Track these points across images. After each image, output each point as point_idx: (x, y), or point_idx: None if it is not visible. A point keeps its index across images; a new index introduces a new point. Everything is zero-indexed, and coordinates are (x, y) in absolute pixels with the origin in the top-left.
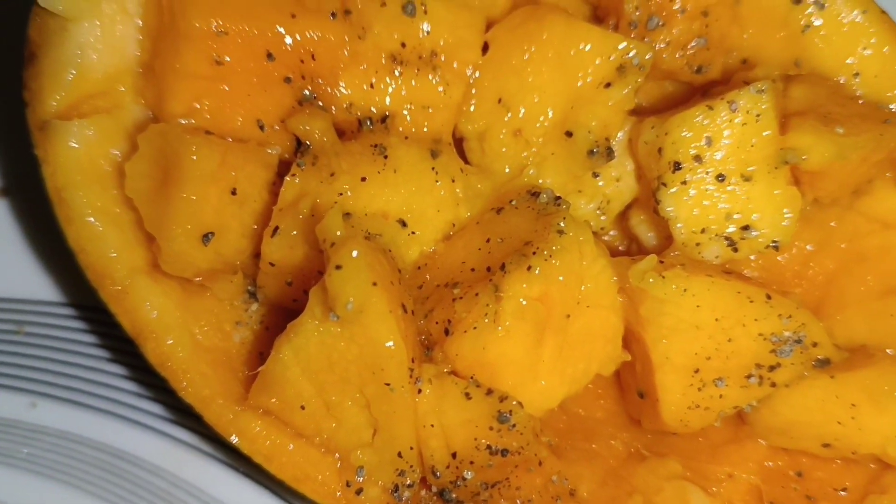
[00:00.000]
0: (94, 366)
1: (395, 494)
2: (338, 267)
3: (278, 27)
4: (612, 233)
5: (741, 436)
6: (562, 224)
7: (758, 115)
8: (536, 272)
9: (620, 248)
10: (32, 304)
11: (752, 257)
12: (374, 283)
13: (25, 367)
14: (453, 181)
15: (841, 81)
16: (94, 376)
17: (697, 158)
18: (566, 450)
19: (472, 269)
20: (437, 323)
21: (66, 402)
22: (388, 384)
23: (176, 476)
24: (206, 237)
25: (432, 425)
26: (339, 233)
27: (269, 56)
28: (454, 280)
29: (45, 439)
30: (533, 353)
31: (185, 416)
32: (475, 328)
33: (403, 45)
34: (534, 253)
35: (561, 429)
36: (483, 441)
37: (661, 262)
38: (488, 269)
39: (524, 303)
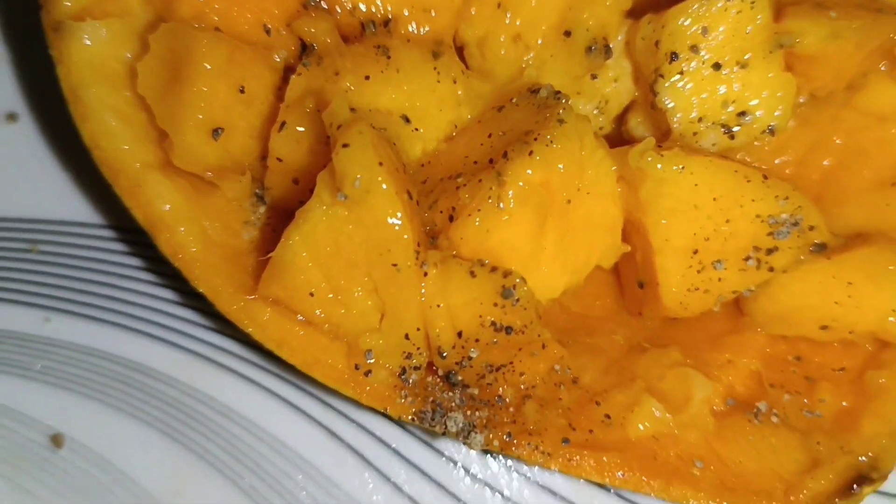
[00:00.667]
0: (104, 281)
1: (403, 377)
2: (345, 146)
3: None
4: (609, 134)
5: (740, 326)
6: (561, 113)
7: (752, 2)
8: (537, 157)
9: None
10: (44, 224)
11: (748, 158)
12: (381, 163)
13: (39, 284)
14: (455, 82)
15: None
16: (106, 291)
17: (694, 48)
18: (569, 344)
19: (475, 162)
20: (441, 212)
21: (79, 317)
22: (394, 265)
23: (188, 385)
24: (216, 132)
25: (438, 306)
26: (345, 115)
27: None
28: (458, 172)
29: (58, 352)
30: (535, 240)
31: (197, 327)
32: (479, 211)
33: None
34: (535, 139)
35: (563, 327)
36: (487, 318)
37: (660, 146)
38: (491, 160)
39: (526, 187)
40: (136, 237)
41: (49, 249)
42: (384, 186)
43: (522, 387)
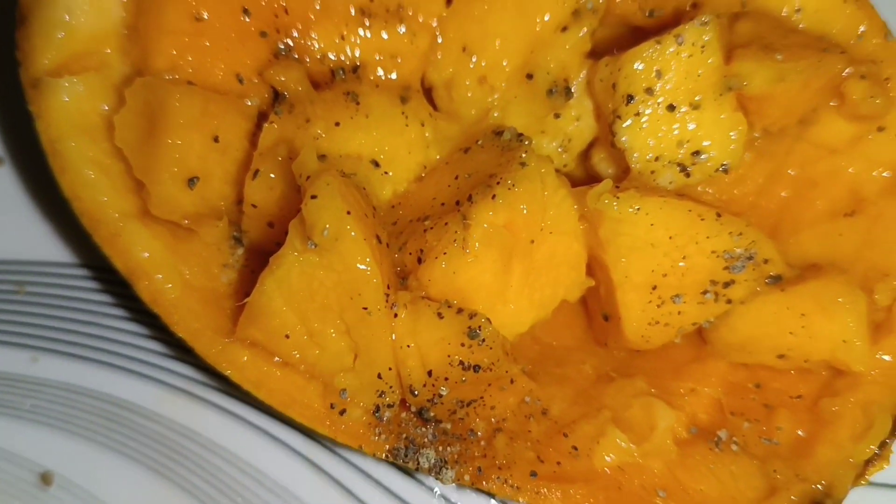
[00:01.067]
0: (90, 321)
1: (377, 415)
2: (313, 196)
3: None
4: (574, 172)
5: (702, 355)
6: (524, 156)
7: (702, 47)
8: (500, 201)
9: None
10: (31, 265)
11: (709, 190)
12: (349, 212)
13: (26, 325)
14: (423, 125)
15: (784, 14)
16: (91, 330)
17: (648, 90)
18: (538, 375)
19: (443, 204)
20: (410, 254)
21: (66, 356)
22: (365, 308)
23: (172, 421)
24: (192, 181)
25: (409, 346)
26: (313, 167)
27: (245, 11)
28: (426, 214)
29: (47, 391)
30: (501, 278)
31: (179, 363)
32: (445, 254)
33: None
34: (497, 183)
35: (533, 357)
36: (456, 357)
37: (617, 186)
38: (457, 202)
39: (490, 229)
40: (120, 278)
41: (36, 290)
42: (352, 234)
43: (493, 420)
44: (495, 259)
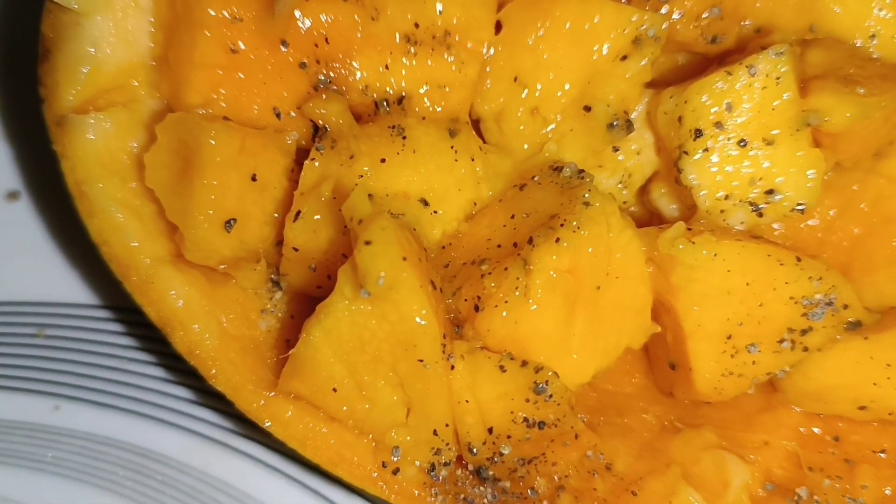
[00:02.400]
0: (114, 366)
1: (432, 473)
2: (367, 242)
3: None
4: (633, 208)
5: (774, 403)
6: (587, 196)
7: (777, 78)
8: (565, 244)
9: (643, 221)
10: (51, 307)
11: (777, 226)
12: (405, 258)
13: (47, 370)
14: (473, 160)
15: (857, 44)
16: (115, 376)
17: (718, 125)
18: (599, 426)
19: (499, 246)
20: (466, 300)
21: (89, 404)
22: (421, 360)
23: (203, 472)
24: (229, 224)
25: (467, 401)
26: (366, 209)
27: (283, 42)
28: (481, 257)
29: (69, 441)
30: (564, 327)
31: (210, 411)
32: (506, 302)
33: (417, 25)
34: (561, 225)
35: (592, 406)
36: (520, 414)
37: (689, 229)
38: (515, 244)
39: (554, 275)
40: (145, 320)
41: (56, 334)
42: (409, 283)
43: (556, 477)
44: (559, 307)
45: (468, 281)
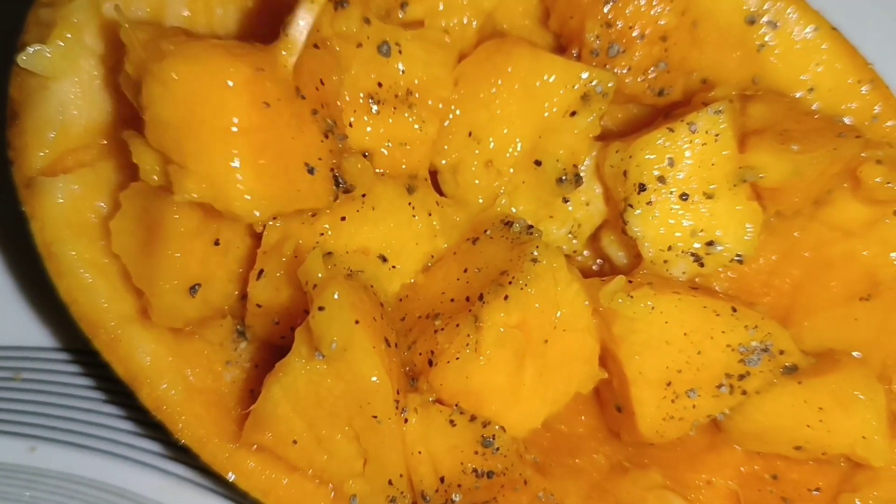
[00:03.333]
0: (90, 408)
1: None
2: (320, 308)
3: None
4: (584, 253)
5: (717, 443)
6: (535, 252)
7: (716, 136)
8: (513, 301)
9: (594, 267)
10: (27, 351)
11: (720, 269)
12: (357, 322)
13: (23, 413)
14: (430, 214)
15: (797, 96)
16: (91, 418)
17: (661, 179)
18: (551, 466)
19: (452, 300)
20: (420, 354)
21: (65, 445)
22: (375, 417)
23: None
24: (194, 289)
25: (420, 452)
26: (320, 274)
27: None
28: (435, 311)
29: (46, 482)
30: (514, 379)
31: (183, 452)
32: (458, 358)
33: (380, 84)
34: (510, 283)
35: (545, 446)
36: (469, 465)
37: (630, 281)
38: (467, 298)
39: (503, 331)
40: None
41: (32, 377)
42: (361, 345)
43: None
44: (508, 361)
45: (422, 336)
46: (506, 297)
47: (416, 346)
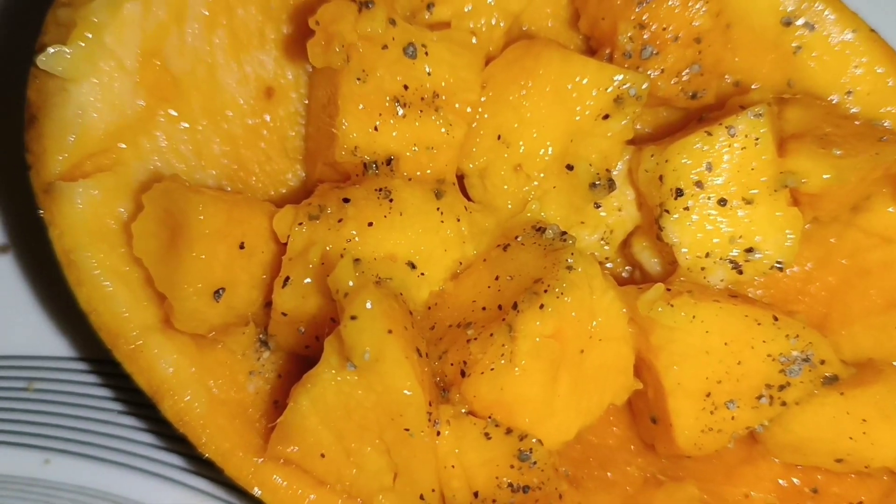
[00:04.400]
0: (105, 419)
1: None
2: (353, 318)
3: None
4: (615, 262)
5: (755, 455)
6: (570, 260)
7: (756, 139)
8: (549, 310)
9: (624, 275)
10: (40, 360)
11: (756, 278)
12: (390, 331)
13: (37, 424)
14: (458, 220)
15: (834, 101)
16: (106, 429)
17: (699, 184)
18: (582, 479)
19: (484, 308)
20: (452, 364)
21: (80, 457)
22: (407, 430)
23: None
24: (218, 293)
25: (453, 466)
26: (351, 283)
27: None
28: (466, 320)
29: (60, 495)
30: (549, 390)
31: (202, 464)
32: (492, 369)
33: (406, 87)
34: (545, 291)
35: (576, 458)
36: (504, 479)
37: (668, 289)
38: (499, 307)
39: (538, 341)
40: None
41: (46, 388)
42: (394, 356)
43: None
44: (543, 371)
45: (454, 345)
46: (541, 306)
47: (448, 355)
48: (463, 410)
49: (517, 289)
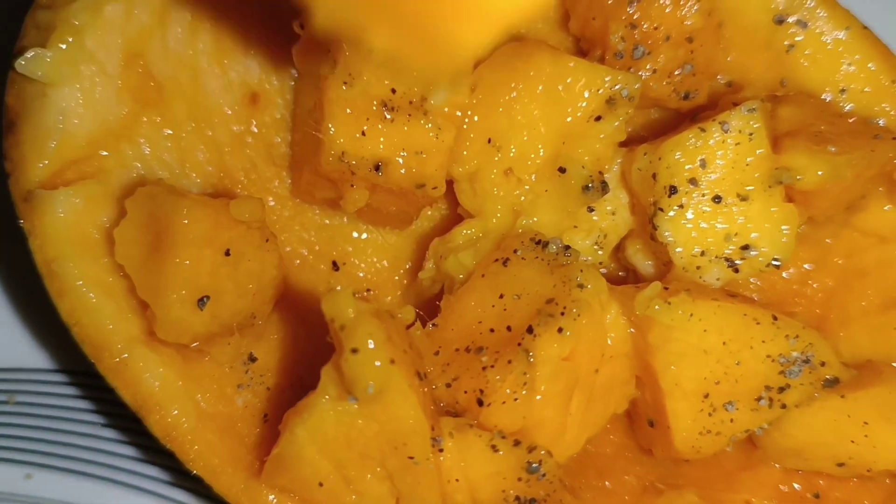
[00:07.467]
0: (87, 432)
1: None
2: (354, 350)
3: None
4: (609, 267)
5: (754, 461)
6: (580, 277)
7: (750, 134)
8: (567, 333)
9: (616, 279)
10: (20, 373)
11: (753, 279)
12: (393, 361)
13: (18, 438)
14: None
15: (828, 99)
16: (89, 443)
17: (693, 181)
18: (580, 489)
19: (492, 330)
20: (466, 392)
21: (62, 471)
22: (411, 458)
23: None
24: (202, 301)
25: (457, 480)
26: (351, 312)
27: None
28: (476, 344)
29: None
30: (563, 411)
31: (186, 478)
32: (516, 400)
33: (394, 90)
34: (562, 313)
35: (573, 468)
36: (511, 492)
37: (666, 288)
38: (508, 328)
39: (557, 365)
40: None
41: (27, 400)
42: (398, 386)
43: None
44: (561, 394)
45: (467, 372)
46: (560, 330)
47: (460, 383)
48: (467, 424)
49: (527, 309)
